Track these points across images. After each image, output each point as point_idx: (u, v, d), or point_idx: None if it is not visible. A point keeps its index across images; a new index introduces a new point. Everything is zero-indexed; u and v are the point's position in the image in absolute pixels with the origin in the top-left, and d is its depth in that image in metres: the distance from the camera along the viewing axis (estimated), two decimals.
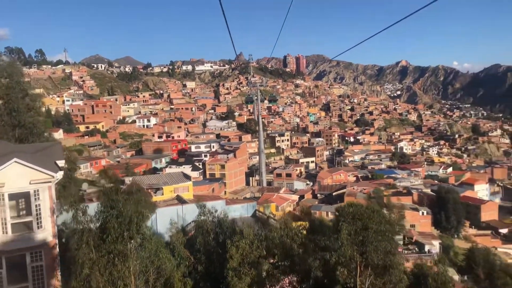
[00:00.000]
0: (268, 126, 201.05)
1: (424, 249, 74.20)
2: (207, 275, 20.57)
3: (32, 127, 24.63)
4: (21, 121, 24.22)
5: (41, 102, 34.93)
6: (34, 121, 25.18)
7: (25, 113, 24.66)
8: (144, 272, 16.78)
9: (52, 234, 18.58)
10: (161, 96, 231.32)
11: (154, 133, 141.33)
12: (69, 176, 27.30)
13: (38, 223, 18.22)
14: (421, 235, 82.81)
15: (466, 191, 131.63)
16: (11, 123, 24.25)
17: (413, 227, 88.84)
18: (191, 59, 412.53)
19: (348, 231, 17.78)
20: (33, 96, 28.93)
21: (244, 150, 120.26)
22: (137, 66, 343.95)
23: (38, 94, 42.67)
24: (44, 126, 30.00)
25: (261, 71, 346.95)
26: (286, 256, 19.83)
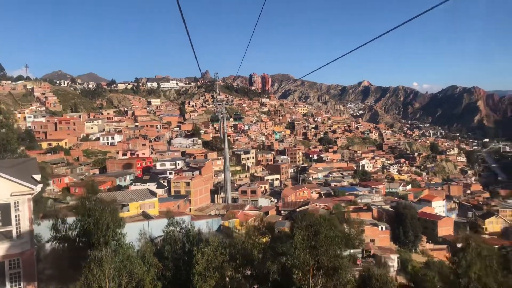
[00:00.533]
0: (234, 144, 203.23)
1: (382, 262, 77.38)
2: (175, 281, 22.38)
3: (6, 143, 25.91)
4: None
5: (14, 119, 35.99)
6: (8, 137, 26.47)
7: None
8: (118, 276, 18.52)
9: (30, 243, 20.07)
10: (125, 113, 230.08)
11: (118, 151, 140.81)
12: (42, 191, 28.61)
13: (18, 233, 19.70)
14: (380, 249, 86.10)
15: (424, 207, 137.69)
16: None
17: (372, 241, 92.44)
18: (156, 76, 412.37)
19: (301, 236, 20.16)
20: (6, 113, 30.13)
21: (209, 167, 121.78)
22: (101, 83, 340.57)
23: (11, 111, 43.47)
24: (18, 142, 31.13)
25: (227, 89, 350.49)
26: (247, 261, 21.97)
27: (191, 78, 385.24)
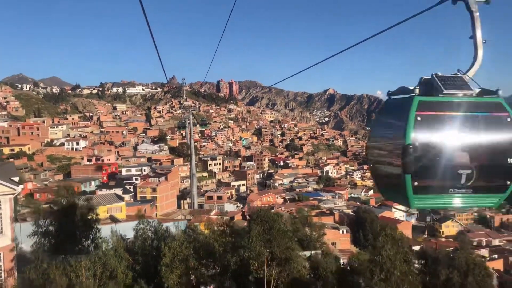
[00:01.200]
0: (200, 150, 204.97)
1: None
2: (144, 273, 24.90)
3: None
4: None
5: None
6: None
7: None
8: (93, 266, 20.95)
9: (11, 239, 22.17)
10: (90, 118, 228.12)
11: (83, 156, 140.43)
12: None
13: (0, 229, 21.78)
14: (341, 252, 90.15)
15: (384, 211, 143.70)
16: None
17: (334, 244, 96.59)
18: (122, 81, 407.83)
19: (257, 231, 23.13)
20: None
21: (176, 173, 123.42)
22: (64, 87, 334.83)
23: None
24: None
25: (194, 95, 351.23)
26: (209, 254, 24.75)
27: (157, 84, 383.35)
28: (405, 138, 3.81)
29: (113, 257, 21.93)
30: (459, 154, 3.90)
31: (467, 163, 3.88)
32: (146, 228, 26.55)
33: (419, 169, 3.83)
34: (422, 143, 3.81)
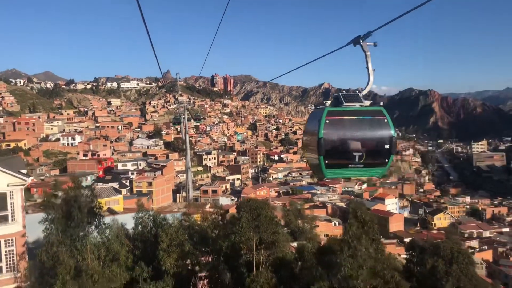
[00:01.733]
0: (195, 144, 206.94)
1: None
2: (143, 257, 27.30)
3: None
4: None
5: None
6: None
7: None
8: (97, 250, 23.31)
9: (22, 225, 24.49)
10: (85, 113, 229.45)
11: (79, 151, 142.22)
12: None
13: (12, 217, 24.09)
14: None
15: (377, 204, 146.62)
16: None
17: (326, 236, 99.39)
18: (116, 76, 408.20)
19: (247, 218, 25.54)
20: None
21: (171, 168, 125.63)
22: (58, 82, 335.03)
23: None
24: None
25: (189, 90, 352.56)
26: (203, 239, 27.18)
27: (152, 78, 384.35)
28: (318, 134, 6.26)
29: (115, 242, 24.27)
30: (354, 143, 6.35)
31: (359, 148, 6.34)
32: (145, 217, 28.87)
33: (328, 153, 6.28)
34: (329, 137, 6.26)
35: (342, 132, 6.36)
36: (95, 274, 20.98)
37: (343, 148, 6.36)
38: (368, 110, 6.57)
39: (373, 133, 6.42)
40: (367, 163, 6.46)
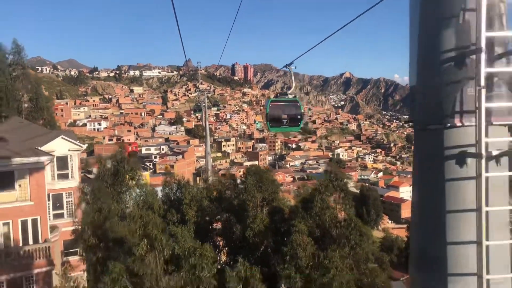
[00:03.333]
0: (215, 132, 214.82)
1: None
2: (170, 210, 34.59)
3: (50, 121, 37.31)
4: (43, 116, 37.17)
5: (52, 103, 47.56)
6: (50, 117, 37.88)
7: (43, 112, 37.63)
8: (136, 200, 30.67)
9: (79, 182, 32.05)
10: (109, 100, 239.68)
11: (105, 136, 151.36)
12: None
13: (71, 174, 31.65)
14: None
15: (390, 191, 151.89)
16: (37, 116, 37.11)
17: None
18: (138, 64, 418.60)
19: (252, 180, 32.61)
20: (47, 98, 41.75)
21: (192, 152, 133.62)
22: (82, 70, 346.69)
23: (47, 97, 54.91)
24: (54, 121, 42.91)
25: (210, 79, 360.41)
26: (218, 197, 34.38)
27: (173, 67, 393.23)
28: (266, 111, 13.27)
29: (150, 196, 31.69)
30: (283, 115, 13.35)
31: (285, 117, 13.32)
32: (172, 181, 36.24)
33: (271, 120, 13.27)
34: (271, 112, 13.25)
35: (277, 110, 13.27)
36: (136, 217, 28.40)
37: (278, 117, 13.24)
38: (290, 99, 13.42)
39: (292, 110, 13.26)
40: (289, 125, 13.30)
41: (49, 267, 24.48)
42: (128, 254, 17.53)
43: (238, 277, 15.62)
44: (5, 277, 23.15)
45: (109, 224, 28.13)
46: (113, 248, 21.56)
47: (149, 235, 17.94)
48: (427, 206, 4.12)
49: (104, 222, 23.93)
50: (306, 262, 24.36)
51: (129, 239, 19.05)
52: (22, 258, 23.75)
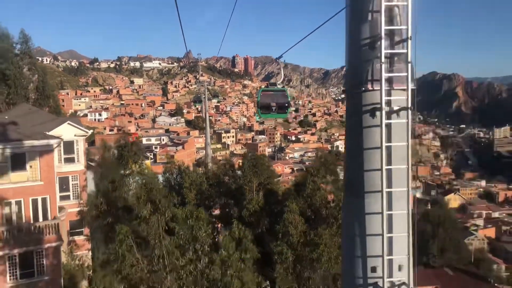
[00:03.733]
0: (215, 124, 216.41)
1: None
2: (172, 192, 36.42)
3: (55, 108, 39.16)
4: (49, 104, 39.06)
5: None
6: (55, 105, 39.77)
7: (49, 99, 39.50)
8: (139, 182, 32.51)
9: (84, 166, 33.90)
10: (110, 91, 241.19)
11: (105, 127, 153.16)
12: None
13: (77, 159, 33.49)
14: None
15: None
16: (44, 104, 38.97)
17: None
18: (138, 55, 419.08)
19: (248, 165, 34.47)
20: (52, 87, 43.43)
21: (192, 143, 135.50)
22: (82, 61, 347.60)
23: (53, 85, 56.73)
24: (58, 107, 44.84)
25: (210, 71, 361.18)
26: (217, 182, 36.25)
27: (173, 58, 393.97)
28: (257, 99, 15.05)
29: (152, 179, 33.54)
30: (272, 103, 15.13)
31: (274, 105, 15.10)
32: (172, 167, 38.10)
33: (261, 107, 15.04)
34: (262, 100, 15.03)
35: (267, 98, 14.99)
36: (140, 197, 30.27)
37: (267, 105, 14.97)
38: (278, 89, 15.13)
39: (280, 99, 14.99)
40: (278, 112, 15.03)
41: (58, 242, 26.35)
42: (134, 219, 19.62)
43: (231, 237, 17.57)
44: (17, 250, 25.04)
45: (118, 193, 30.10)
46: (122, 215, 23.65)
47: (152, 200, 20.00)
48: (352, 147, 6.04)
49: (114, 191, 25.97)
50: (297, 239, 26.28)
51: (135, 205, 21.11)
52: (33, 234, 25.63)
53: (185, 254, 15.56)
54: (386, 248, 5.58)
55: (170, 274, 14.97)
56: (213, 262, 15.42)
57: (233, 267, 14.95)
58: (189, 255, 15.56)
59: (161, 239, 15.49)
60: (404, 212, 5.84)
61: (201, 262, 15.40)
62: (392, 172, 5.64)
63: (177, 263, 15.17)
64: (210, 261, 15.52)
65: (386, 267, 5.63)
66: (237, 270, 15.14)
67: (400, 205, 5.82)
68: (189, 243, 16.25)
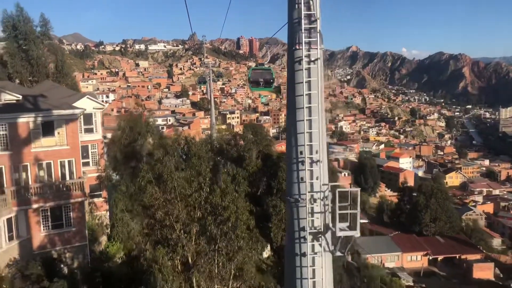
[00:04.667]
0: (220, 105, 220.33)
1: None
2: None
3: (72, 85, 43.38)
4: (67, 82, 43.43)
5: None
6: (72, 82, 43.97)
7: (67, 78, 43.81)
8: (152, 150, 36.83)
9: (101, 135, 38.28)
10: (116, 74, 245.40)
11: (113, 108, 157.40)
12: None
13: (95, 129, 37.84)
14: None
15: (389, 162, 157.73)
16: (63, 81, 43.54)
17: None
18: (143, 38, 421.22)
19: (251, 134, 38.72)
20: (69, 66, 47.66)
21: (197, 124, 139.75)
22: (88, 44, 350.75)
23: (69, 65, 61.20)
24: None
25: (215, 53, 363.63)
26: (219, 150, 40.56)
27: (178, 41, 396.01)
28: (248, 76, 19.03)
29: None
30: (260, 79, 19.17)
31: (262, 80, 19.10)
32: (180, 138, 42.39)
33: (251, 82, 19.02)
34: (252, 77, 18.92)
35: (256, 75, 18.85)
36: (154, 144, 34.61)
37: (258, 80, 18.86)
38: (265, 68, 18.99)
39: (266, 75, 18.90)
40: (264, 86, 18.90)
41: (83, 198, 30.78)
42: (153, 160, 24.39)
43: (227, 173, 21.72)
44: (49, 204, 29.48)
45: (140, 142, 34.69)
46: (144, 159, 28.79)
47: (164, 145, 24.60)
48: (291, 95, 10.21)
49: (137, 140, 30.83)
50: None
51: (153, 150, 25.98)
52: (61, 190, 30.06)
53: (191, 185, 19.85)
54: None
55: (180, 202, 19.25)
56: (214, 191, 19.70)
57: (230, 196, 19.24)
58: (194, 186, 19.86)
59: (172, 175, 19.70)
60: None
61: (203, 191, 19.69)
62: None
63: (185, 193, 19.49)
64: (211, 191, 19.81)
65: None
66: (232, 198, 19.45)
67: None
68: (194, 177, 20.54)
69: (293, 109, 10.05)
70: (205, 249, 18.83)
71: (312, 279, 9.69)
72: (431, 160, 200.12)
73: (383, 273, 53.37)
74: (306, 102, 9.68)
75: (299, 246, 9.87)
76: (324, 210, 9.79)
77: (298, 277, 9.82)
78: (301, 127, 9.85)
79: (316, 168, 9.67)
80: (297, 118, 9.91)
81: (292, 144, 10.12)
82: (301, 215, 9.86)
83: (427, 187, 74.94)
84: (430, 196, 70.31)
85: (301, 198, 9.77)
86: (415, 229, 71.21)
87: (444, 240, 67.69)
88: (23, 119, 29.02)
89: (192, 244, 19.03)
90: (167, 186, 19.64)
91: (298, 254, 9.86)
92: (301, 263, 9.83)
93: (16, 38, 42.25)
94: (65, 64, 48.37)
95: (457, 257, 64.80)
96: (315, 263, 9.75)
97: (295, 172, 9.91)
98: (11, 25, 42.05)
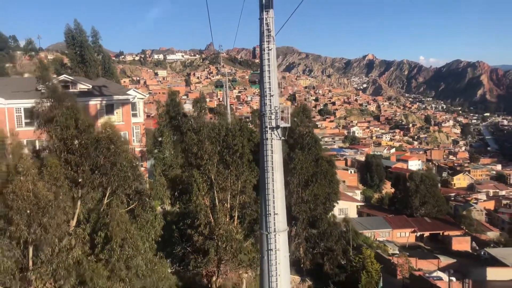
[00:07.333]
0: (236, 111, 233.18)
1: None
2: None
3: (117, 82, 56.49)
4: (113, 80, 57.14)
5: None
6: (117, 80, 57.05)
7: (113, 76, 57.36)
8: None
9: (143, 119, 50.97)
10: (138, 82, 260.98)
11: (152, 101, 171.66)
12: None
13: (138, 114, 50.56)
14: (348, 187, 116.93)
15: (397, 163, 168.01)
16: (110, 79, 57.23)
17: (343, 182, 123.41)
18: (161, 48, 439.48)
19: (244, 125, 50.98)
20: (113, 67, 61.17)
21: None
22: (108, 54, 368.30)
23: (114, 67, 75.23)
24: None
25: (231, 62, 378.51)
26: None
27: (195, 51, 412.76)
28: (249, 78, 32.07)
29: None
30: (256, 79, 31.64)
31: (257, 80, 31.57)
32: None
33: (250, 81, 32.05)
34: (251, 78, 32.05)
35: (254, 77, 31.53)
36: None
37: (254, 80, 31.52)
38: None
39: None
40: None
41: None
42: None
43: (237, 125, 34.31)
44: None
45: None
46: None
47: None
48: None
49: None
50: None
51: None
52: None
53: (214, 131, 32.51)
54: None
55: (207, 140, 31.73)
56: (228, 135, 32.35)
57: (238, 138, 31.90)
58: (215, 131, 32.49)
59: (204, 125, 32.08)
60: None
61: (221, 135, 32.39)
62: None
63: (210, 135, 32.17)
64: (226, 134, 32.38)
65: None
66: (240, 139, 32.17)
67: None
68: (216, 127, 33.16)
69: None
70: (222, 171, 31.19)
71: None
72: (441, 164, 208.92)
73: (371, 241, 64.92)
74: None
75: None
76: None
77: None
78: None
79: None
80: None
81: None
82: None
83: (417, 175, 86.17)
84: (420, 182, 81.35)
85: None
86: (406, 212, 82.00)
87: (431, 220, 78.46)
88: (93, 102, 41.92)
89: (214, 168, 31.30)
90: (200, 132, 32.01)
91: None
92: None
93: (74, 46, 55.70)
94: (111, 65, 61.87)
95: (441, 234, 75.59)
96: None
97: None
98: (71, 36, 55.57)
